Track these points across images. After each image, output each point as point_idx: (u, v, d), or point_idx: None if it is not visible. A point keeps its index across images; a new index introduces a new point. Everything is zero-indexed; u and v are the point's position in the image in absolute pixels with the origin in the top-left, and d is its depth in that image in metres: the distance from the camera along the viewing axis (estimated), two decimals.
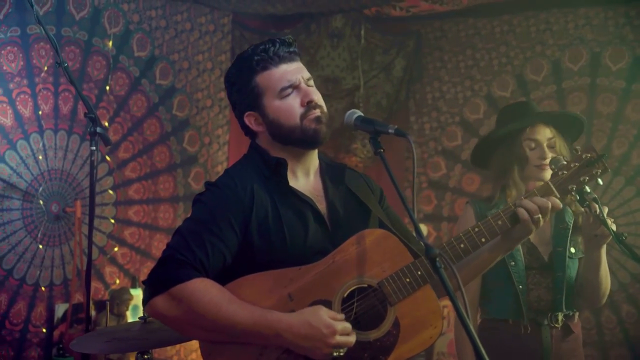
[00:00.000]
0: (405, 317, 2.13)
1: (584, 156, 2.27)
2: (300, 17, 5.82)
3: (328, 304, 2.10)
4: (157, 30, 5.07)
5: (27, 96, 4.30)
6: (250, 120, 2.25)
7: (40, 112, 4.36)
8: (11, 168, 4.22)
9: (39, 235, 4.36)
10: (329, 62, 5.85)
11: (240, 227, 2.12)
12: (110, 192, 4.81)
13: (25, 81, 4.28)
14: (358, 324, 2.13)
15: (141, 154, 4.99)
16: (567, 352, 2.93)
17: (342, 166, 2.38)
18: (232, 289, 2.08)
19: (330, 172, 2.34)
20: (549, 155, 2.86)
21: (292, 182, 2.24)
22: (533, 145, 2.94)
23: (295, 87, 2.21)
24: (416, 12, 5.67)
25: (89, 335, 2.81)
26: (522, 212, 2.19)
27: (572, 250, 2.94)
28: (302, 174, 2.29)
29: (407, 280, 2.13)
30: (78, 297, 4.53)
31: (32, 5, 2.91)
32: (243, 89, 2.23)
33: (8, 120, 4.21)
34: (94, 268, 4.69)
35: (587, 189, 2.44)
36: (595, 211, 2.61)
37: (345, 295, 2.13)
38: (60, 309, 4.45)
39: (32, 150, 4.32)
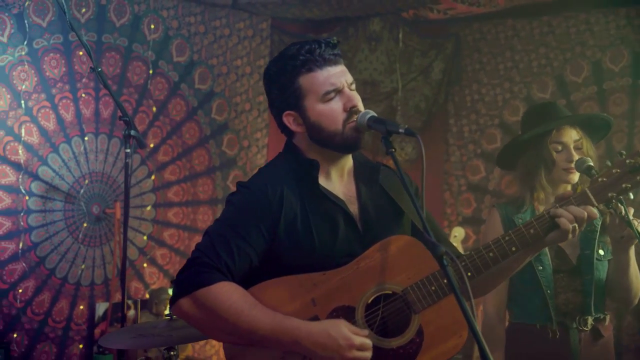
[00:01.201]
0: (429, 325, 2.11)
1: (627, 162, 2.14)
2: (338, 21, 5.85)
3: (352, 310, 2.11)
4: (196, 36, 5.17)
5: (69, 101, 4.44)
6: (289, 119, 2.23)
7: (81, 116, 4.50)
8: (54, 170, 4.36)
9: (80, 236, 4.49)
10: (367, 65, 5.87)
11: (269, 230, 2.13)
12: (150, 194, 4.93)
13: (67, 86, 4.42)
14: (382, 331, 2.12)
15: (180, 157, 5.09)
16: (597, 356, 2.86)
17: (377, 165, 2.34)
18: (256, 292, 2.10)
19: (365, 172, 2.32)
20: (576, 157, 2.80)
21: (325, 184, 2.23)
22: (560, 147, 2.87)
23: (338, 91, 2.18)
24: (454, 15, 5.65)
25: (116, 332, 2.90)
26: (564, 223, 2.13)
27: (601, 252, 2.88)
28: (336, 176, 2.27)
29: (433, 288, 2.11)
30: (118, 296, 4.65)
31: (64, 12, 3.01)
32: (285, 88, 2.20)
33: (51, 125, 4.35)
34: (134, 268, 4.81)
35: (632, 195, 2.33)
36: (621, 212, 2.56)
37: (370, 301, 2.13)
38: (101, 307, 4.58)
39: (73, 153, 4.46)
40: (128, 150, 3.62)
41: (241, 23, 5.48)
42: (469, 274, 2.14)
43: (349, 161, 2.31)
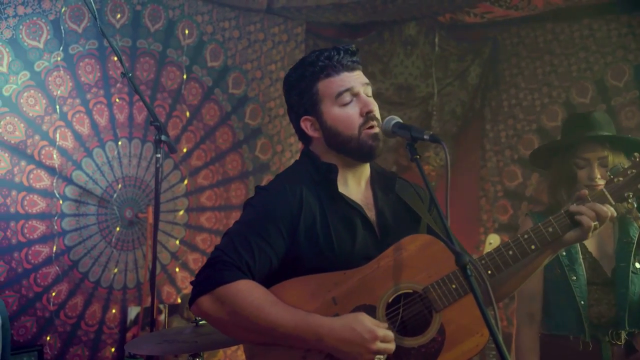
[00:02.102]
0: (451, 323, 2.11)
1: None
2: (373, 25, 5.81)
3: (372, 309, 2.11)
4: (230, 41, 5.18)
5: (103, 106, 4.47)
6: (306, 125, 2.29)
7: (115, 121, 4.53)
8: (87, 175, 4.40)
9: (113, 240, 4.52)
10: (403, 70, 5.81)
11: (288, 232, 2.15)
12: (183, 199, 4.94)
13: (101, 91, 4.46)
14: (403, 330, 2.13)
15: (213, 162, 5.10)
16: None
17: (393, 175, 2.39)
18: (276, 291, 2.11)
19: (381, 181, 2.36)
20: (598, 175, 2.76)
21: (343, 189, 2.26)
22: (582, 164, 2.83)
23: (354, 94, 2.24)
24: (491, 18, 5.56)
25: (142, 337, 2.90)
26: (586, 220, 2.13)
27: (637, 265, 2.80)
28: (353, 182, 2.30)
29: (453, 286, 2.11)
30: (150, 301, 4.66)
31: (95, 17, 3.03)
32: (303, 94, 2.26)
33: (85, 129, 4.39)
34: (166, 273, 4.83)
35: None
36: None
37: (390, 300, 2.13)
38: (133, 311, 4.60)
39: (107, 157, 4.49)
40: (159, 155, 3.66)
41: (276, 28, 5.48)
42: (489, 272, 2.15)
43: (366, 170, 2.35)
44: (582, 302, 2.79)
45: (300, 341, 2.05)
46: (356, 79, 2.26)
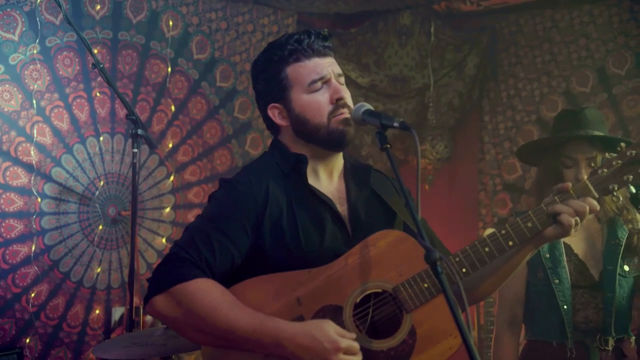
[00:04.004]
0: (422, 325, 1.97)
1: (628, 153, 2.03)
2: (367, 15, 5.64)
3: (339, 310, 1.98)
4: (217, 33, 5.02)
5: (83, 100, 4.34)
6: (274, 112, 2.15)
7: (96, 116, 4.39)
8: (67, 172, 4.27)
9: (96, 239, 4.39)
10: (397, 60, 5.63)
11: (252, 227, 2.03)
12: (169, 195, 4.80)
13: (81, 85, 4.33)
14: (373, 332, 1.99)
15: (201, 158, 4.95)
16: None
17: (367, 168, 2.25)
18: (238, 291, 1.98)
19: (355, 174, 2.22)
20: (585, 175, 2.61)
21: (313, 182, 2.13)
22: (569, 163, 2.69)
23: (325, 81, 2.10)
24: (488, 6, 5.39)
25: (110, 340, 2.77)
26: (566, 219, 1.97)
27: (626, 268, 2.64)
28: (324, 175, 2.17)
29: (425, 285, 1.97)
30: (137, 300, 4.52)
31: (59, 5, 2.89)
32: (271, 79, 2.13)
33: (64, 125, 4.26)
34: (152, 272, 4.68)
35: (633, 189, 2.17)
36: None
37: (358, 300, 2.00)
38: (118, 312, 4.47)
39: (88, 153, 4.36)
40: (135, 150, 3.52)
41: (265, 19, 5.32)
42: (464, 270, 2.00)
43: (338, 161, 2.20)
44: (565, 307, 2.65)
45: (259, 346, 1.92)
46: (328, 66, 2.13)
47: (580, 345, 2.65)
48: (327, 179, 2.17)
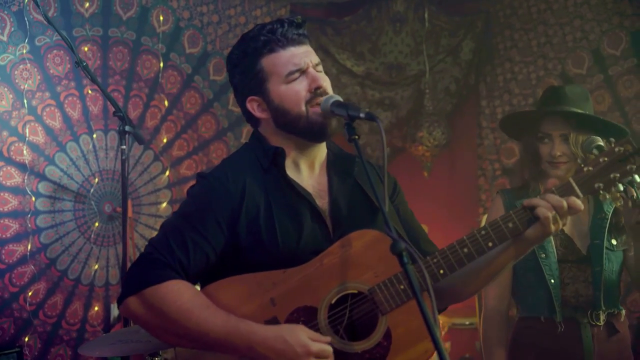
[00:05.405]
0: (398, 327, 1.94)
1: (616, 149, 1.93)
2: (360, 3, 5.61)
3: (314, 311, 1.95)
4: (209, 26, 5.01)
5: (75, 98, 4.34)
6: (252, 105, 2.11)
7: (89, 113, 4.39)
8: (61, 170, 4.27)
9: (92, 236, 4.40)
10: (392, 48, 5.60)
11: (228, 225, 1.99)
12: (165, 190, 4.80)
13: (72, 83, 4.32)
14: (346, 334, 1.96)
15: (196, 152, 4.95)
16: (613, 354, 2.63)
17: (351, 157, 2.18)
18: (211, 292, 1.96)
19: (339, 165, 2.16)
20: (558, 152, 2.59)
21: (294, 175, 2.08)
22: (546, 139, 2.67)
23: (302, 71, 2.06)
24: None
25: (97, 339, 2.78)
26: (542, 212, 1.89)
27: (613, 242, 2.62)
28: (305, 167, 2.12)
29: (402, 287, 1.94)
30: None
31: (37, 4, 2.88)
32: (247, 72, 2.09)
33: (57, 123, 4.26)
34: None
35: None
36: (633, 196, 2.30)
37: (333, 301, 1.96)
38: (116, 308, 4.47)
39: (82, 151, 4.36)
40: (124, 147, 3.52)
41: (257, 10, 5.29)
42: (441, 271, 1.94)
43: (321, 152, 2.15)
44: (552, 281, 2.62)
45: (231, 349, 1.90)
46: (305, 56, 2.07)
47: (571, 322, 2.63)
48: (309, 171, 2.12)
